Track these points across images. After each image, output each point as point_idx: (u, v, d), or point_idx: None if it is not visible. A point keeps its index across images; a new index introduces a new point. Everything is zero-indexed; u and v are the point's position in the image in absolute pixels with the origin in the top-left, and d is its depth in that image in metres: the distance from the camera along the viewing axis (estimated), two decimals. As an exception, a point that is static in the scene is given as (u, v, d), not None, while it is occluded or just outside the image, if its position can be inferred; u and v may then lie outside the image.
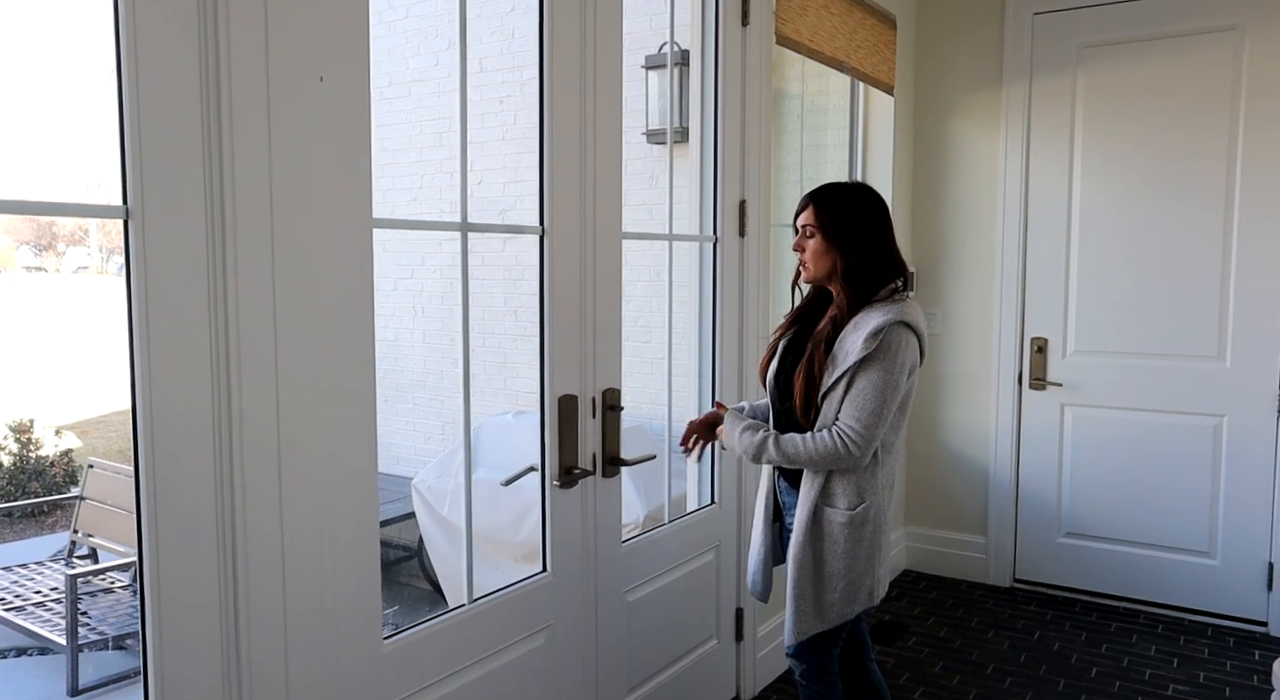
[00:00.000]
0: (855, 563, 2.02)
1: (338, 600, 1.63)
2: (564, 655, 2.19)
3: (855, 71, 3.42)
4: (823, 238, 2.02)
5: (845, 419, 1.95)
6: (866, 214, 2.04)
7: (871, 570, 2.06)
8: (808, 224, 2.05)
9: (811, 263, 2.06)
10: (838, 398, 1.96)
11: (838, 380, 1.95)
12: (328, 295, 1.57)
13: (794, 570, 2.03)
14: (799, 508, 2.03)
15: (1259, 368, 3.46)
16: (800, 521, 2.02)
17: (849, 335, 1.97)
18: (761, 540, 2.23)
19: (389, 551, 4.98)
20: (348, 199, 1.60)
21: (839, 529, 2.00)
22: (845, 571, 2.02)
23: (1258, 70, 3.39)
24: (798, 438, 1.99)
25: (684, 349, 2.87)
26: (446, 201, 5.30)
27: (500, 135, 4.94)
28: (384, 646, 1.74)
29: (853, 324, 1.98)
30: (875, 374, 1.93)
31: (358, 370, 1.64)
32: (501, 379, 5.03)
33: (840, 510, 2.00)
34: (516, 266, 4.93)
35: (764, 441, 2.02)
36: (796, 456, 1.98)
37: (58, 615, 3.87)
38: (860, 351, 1.92)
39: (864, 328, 1.95)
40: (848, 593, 2.03)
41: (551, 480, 2.13)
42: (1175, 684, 3.11)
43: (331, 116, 1.56)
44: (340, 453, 1.61)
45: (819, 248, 2.04)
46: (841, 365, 1.95)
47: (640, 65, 4.37)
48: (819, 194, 2.07)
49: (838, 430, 1.95)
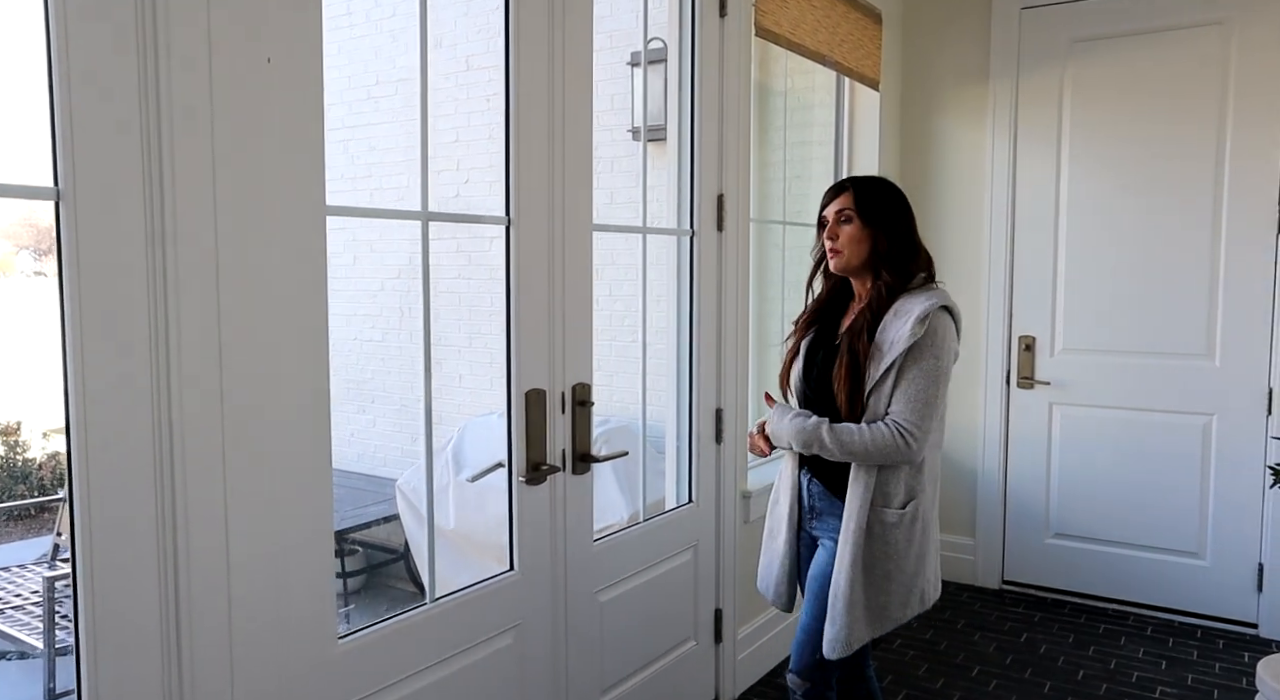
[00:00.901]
0: (907, 563, 1.96)
1: (289, 600, 1.58)
2: (532, 656, 2.14)
3: (839, 66, 3.38)
4: (861, 222, 1.98)
5: (900, 410, 1.88)
6: (899, 201, 2.03)
7: (922, 571, 2.00)
8: (844, 209, 1.99)
9: (848, 248, 1.99)
10: (886, 390, 1.89)
11: (886, 371, 1.88)
12: (277, 285, 1.53)
13: (845, 576, 1.92)
14: (851, 508, 1.93)
15: (1249, 366, 3.41)
16: (853, 523, 1.92)
17: (891, 324, 1.91)
18: (786, 548, 2.13)
19: (375, 554, 4.93)
20: (298, 184, 1.56)
21: (890, 529, 1.93)
22: (898, 573, 1.95)
23: (1245, 65, 3.34)
24: (853, 427, 1.90)
25: (664, 345, 2.82)
26: (435, 200, 5.27)
27: (487, 134, 4.90)
28: (338, 646, 1.69)
29: (893, 312, 1.92)
30: (926, 362, 1.88)
31: (310, 366, 1.59)
32: (488, 378, 4.98)
33: (892, 509, 1.94)
34: (503, 266, 4.89)
35: (817, 427, 1.92)
36: (851, 446, 1.89)
37: (36, 618, 3.82)
38: (908, 339, 1.85)
39: (907, 314, 1.89)
40: (902, 596, 1.97)
41: (518, 476, 2.08)
42: (1163, 686, 3.06)
43: (280, 99, 1.52)
44: (292, 453, 1.56)
45: (856, 233, 1.98)
46: (889, 355, 1.88)
47: (626, 62, 4.33)
48: (854, 181, 2.04)
49: (893, 422, 1.88)
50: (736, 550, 2.90)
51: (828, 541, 2.03)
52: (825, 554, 2.03)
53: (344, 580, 4.70)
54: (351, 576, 4.73)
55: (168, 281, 1.37)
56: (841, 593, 1.92)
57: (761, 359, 3.60)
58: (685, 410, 2.74)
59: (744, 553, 2.94)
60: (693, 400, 2.72)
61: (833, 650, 1.94)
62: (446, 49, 5.10)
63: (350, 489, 5.10)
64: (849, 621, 1.93)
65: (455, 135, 4.94)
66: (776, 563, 2.16)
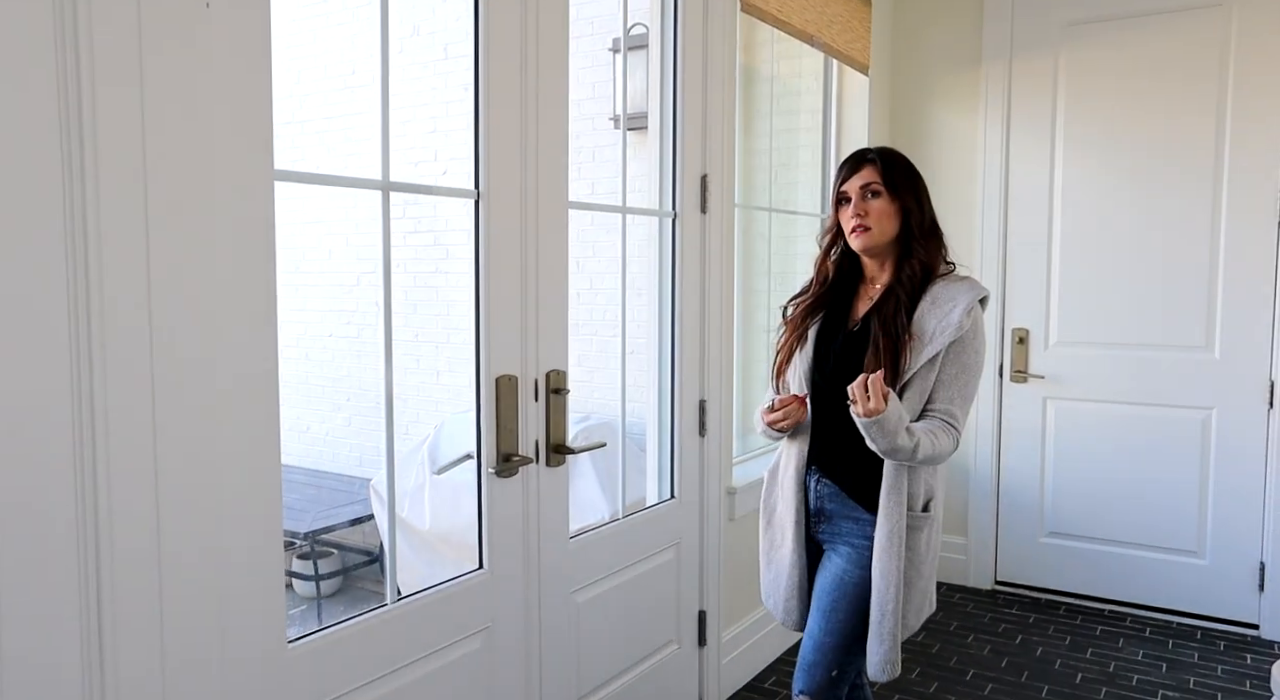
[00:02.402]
0: (925, 568, 1.83)
1: (233, 605, 1.44)
2: (503, 660, 2.01)
3: (827, 47, 3.26)
4: (891, 196, 1.84)
5: (947, 408, 1.75)
6: (919, 176, 1.92)
7: (933, 575, 1.88)
8: (871, 183, 1.84)
9: (876, 224, 1.83)
10: (926, 385, 1.75)
11: (927, 363, 1.74)
12: (217, 259, 1.39)
13: (894, 590, 1.76)
14: (888, 515, 1.76)
15: (1249, 357, 3.31)
16: (892, 532, 1.76)
17: (930, 312, 1.77)
18: (794, 559, 1.92)
19: (350, 556, 4.78)
20: (243, 146, 1.42)
21: (913, 534, 1.80)
22: (918, 579, 1.82)
23: (1245, 48, 3.25)
24: (926, 428, 1.71)
25: (646, 338, 2.69)
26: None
27: (465, 123, 4.75)
28: (289, 651, 1.55)
29: (930, 299, 1.79)
30: (969, 356, 1.76)
31: (257, 349, 1.45)
32: (467, 375, 4.83)
33: (917, 513, 1.80)
34: (472, 244, 4.76)
35: (916, 442, 1.67)
36: (931, 453, 1.70)
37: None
38: (955, 331, 1.72)
39: (949, 304, 1.76)
40: (918, 603, 1.84)
41: (488, 468, 1.94)
42: (1164, 690, 2.95)
43: (222, 49, 1.38)
44: (235, 447, 1.42)
45: (887, 207, 1.84)
46: (931, 345, 1.73)
47: (608, 48, 4.21)
48: (879, 151, 1.90)
49: (945, 422, 1.74)
50: (721, 549, 2.77)
51: (843, 547, 1.86)
52: (842, 561, 1.85)
53: (317, 583, 4.55)
54: (325, 579, 4.58)
55: (89, 252, 1.22)
56: (890, 610, 1.76)
57: (748, 349, 3.48)
58: (667, 401, 2.61)
59: (729, 551, 2.81)
60: (674, 391, 2.59)
61: (882, 672, 1.78)
62: (425, 37, 4.97)
63: (325, 489, 4.96)
64: (893, 641, 1.77)
65: (433, 125, 4.80)
66: (784, 577, 1.94)
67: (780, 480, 1.96)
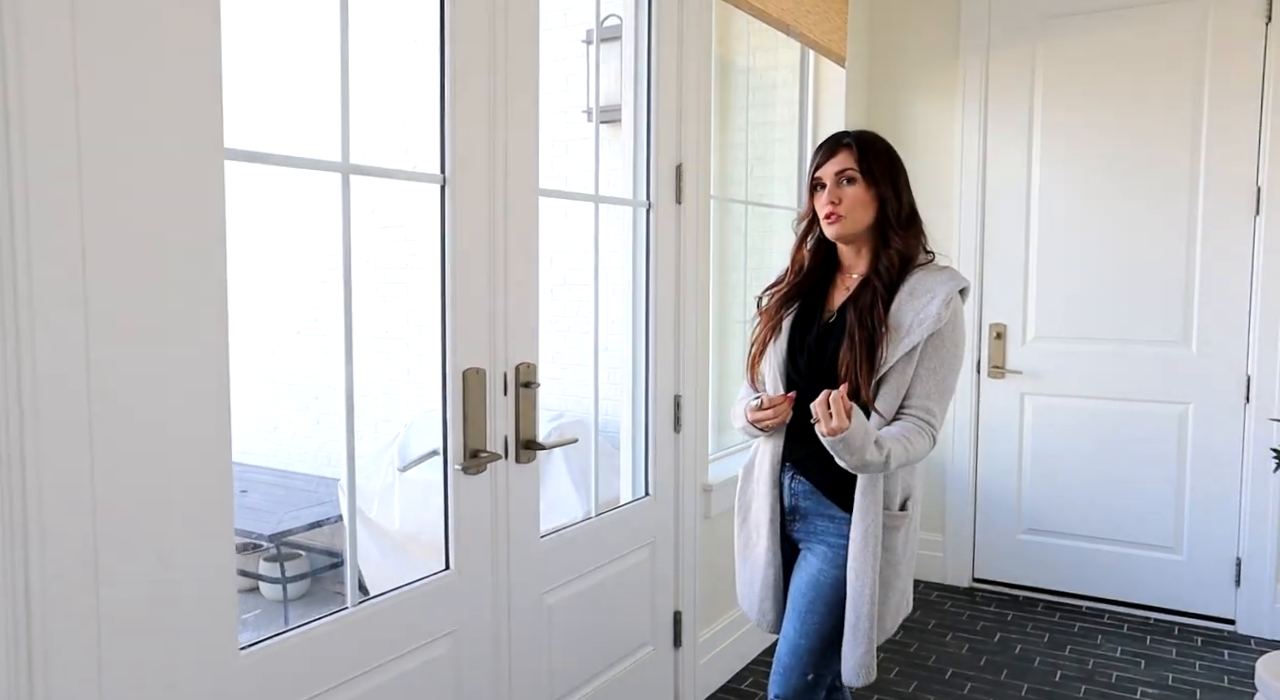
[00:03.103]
0: (903, 568, 1.76)
1: (179, 610, 1.35)
2: (470, 665, 1.93)
3: (804, 37, 3.21)
4: (867, 183, 1.76)
5: (924, 404, 1.68)
6: (898, 161, 1.84)
7: (910, 575, 1.81)
8: (847, 169, 1.76)
9: (850, 213, 1.75)
10: (904, 380, 1.68)
11: (905, 356, 1.67)
12: (158, 242, 1.30)
13: (870, 591, 1.69)
14: (863, 514, 1.69)
15: (1226, 353, 3.30)
16: (868, 531, 1.69)
17: (907, 303, 1.70)
18: (769, 558, 1.85)
19: (318, 558, 4.67)
20: (188, 120, 1.33)
21: (890, 534, 1.73)
22: (895, 580, 1.75)
23: (1222, 42, 3.23)
24: (898, 433, 1.65)
25: (621, 332, 2.62)
26: (381, 187, 5.01)
27: (436, 115, 4.67)
28: (240, 659, 1.46)
29: (908, 290, 1.71)
30: (948, 350, 1.69)
31: (205, 341, 1.37)
32: (439, 373, 4.75)
33: (894, 512, 1.74)
34: (438, 231, 4.66)
35: (888, 461, 1.61)
36: (905, 459, 1.64)
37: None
38: (934, 323, 1.65)
39: (927, 295, 1.69)
40: (896, 604, 1.77)
41: (454, 464, 1.87)
42: (1144, 687, 2.92)
43: (164, 14, 1.29)
44: (182, 445, 1.34)
45: (862, 195, 1.76)
46: (909, 338, 1.66)
47: (582, 40, 4.14)
48: (856, 135, 1.82)
49: (922, 420, 1.67)
50: (697, 547, 2.71)
51: (819, 546, 1.79)
52: (818, 561, 1.78)
53: (284, 586, 4.45)
54: (293, 581, 4.48)
55: (15, 233, 1.14)
56: (866, 612, 1.69)
57: (723, 344, 3.42)
58: (641, 397, 2.54)
59: (705, 550, 2.75)
60: (649, 386, 2.52)
61: (857, 676, 1.71)
62: (395, 27, 4.86)
63: (294, 490, 4.85)
64: (870, 644, 1.71)
65: (404, 117, 4.70)
66: (759, 577, 1.87)
67: (755, 478, 1.89)
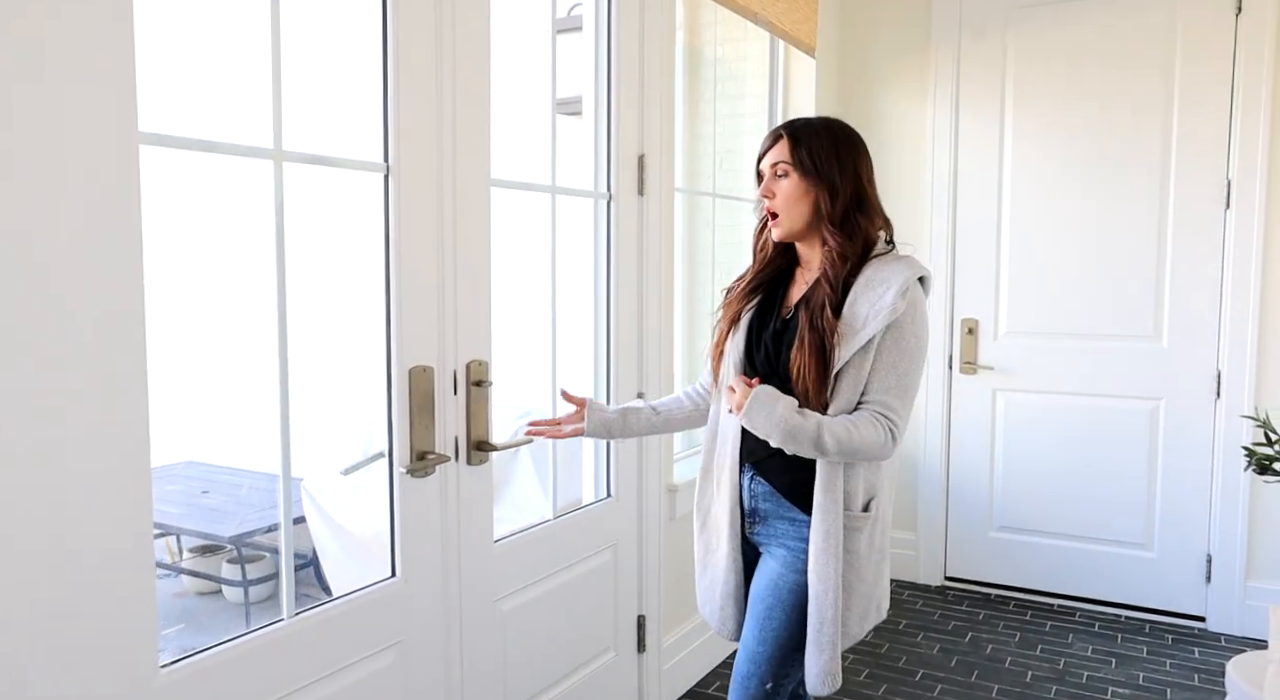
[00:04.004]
0: (867, 572, 1.67)
1: (88, 626, 1.26)
2: (418, 675, 1.84)
3: (772, 26, 3.14)
4: (801, 175, 1.66)
5: (882, 398, 1.58)
6: (850, 146, 1.69)
7: (880, 579, 1.72)
8: (780, 161, 1.67)
9: (785, 209, 1.67)
10: (861, 374, 1.59)
11: (860, 351, 1.58)
12: (66, 226, 1.21)
13: (832, 596, 1.61)
14: (823, 515, 1.61)
15: (1198, 348, 3.27)
16: (828, 533, 1.61)
17: (863, 296, 1.60)
18: (730, 563, 1.77)
19: (281, 560, 4.56)
20: (98, 100, 1.24)
21: (852, 535, 1.64)
22: (859, 583, 1.66)
23: (1192, 34, 3.20)
24: (846, 423, 1.57)
25: (585, 323, 2.54)
26: (329, 189, 4.88)
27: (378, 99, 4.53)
28: (161, 677, 1.37)
29: (863, 282, 1.62)
30: (908, 341, 1.59)
31: (118, 333, 1.28)
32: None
33: (854, 513, 1.64)
34: (381, 222, 4.53)
35: (818, 427, 1.55)
36: (849, 446, 1.55)
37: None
38: (888, 315, 1.56)
39: (883, 286, 1.59)
40: (861, 609, 1.68)
41: (399, 467, 1.78)
42: (1114, 686, 2.88)
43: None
44: (91, 444, 1.25)
45: (796, 189, 1.66)
46: (864, 332, 1.57)
47: (549, 30, 4.04)
48: (793, 124, 1.71)
49: (878, 414, 1.58)
50: (662, 549, 2.64)
51: (778, 550, 1.72)
52: (777, 565, 1.71)
53: (245, 589, 4.34)
54: (256, 584, 4.37)
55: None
56: (829, 617, 1.61)
57: (691, 340, 3.35)
58: (602, 393, 2.46)
59: (670, 552, 2.68)
60: (610, 382, 2.45)
61: (822, 685, 1.63)
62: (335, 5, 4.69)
63: (257, 490, 4.74)
64: (834, 650, 1.63)
65: (346, 106, 4.58)
66: (720, 583, 1.79)
67: (715, 480, 1.81)
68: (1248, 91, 3.11)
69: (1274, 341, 3.14)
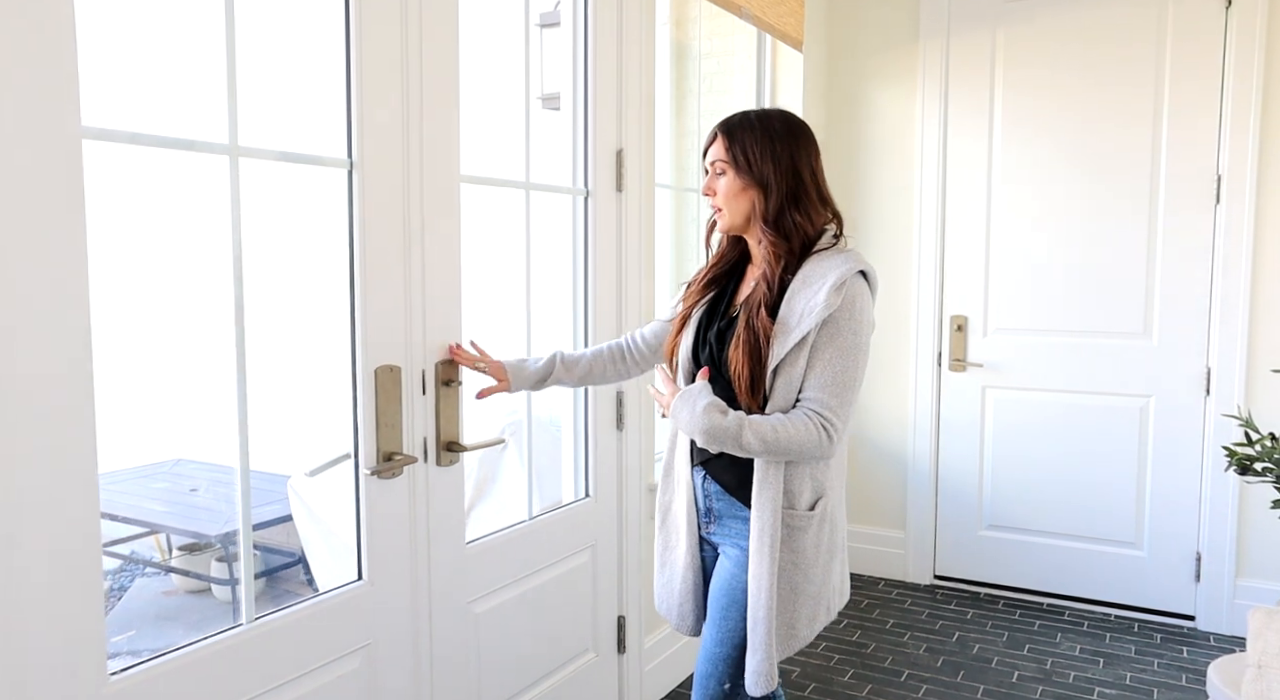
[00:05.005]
0: (815, 573, 1.64)
1: (29, 635, 1.23)
2: (386, 680, 1.82)
3: (758, 20, 3.10)
4: (736, 174, 1.64)
5: (817, 396, 1.55)
6: (789, 141, 1.65)
7: (829, 580, 1.69)
8: (717, 159, 1.66)
9: (726, 206, 1.66)
10: (798, 370, 1.56)
11: (795, 348, 1.55)
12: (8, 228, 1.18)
13: (767, 595, 1.59)
14: (760, 514, 1.60)
15: (1187, 345, 3.24)
16: (765, 532, 1.59)
17: (799, 292, 1.57)
18: (688, 560, 1.77)
19: (271, 558, 4.54)
20: (36, 93, 1.21)
21: (796, 534, 1.62)
22: (805, 584, 1.63)
23: (1182, 26, 3.16)
24: (774, 422, 1.54)
25: (562, 321, 2.50)
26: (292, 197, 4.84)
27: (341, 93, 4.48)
28: (110, 685, 1.34)
29: (801, 279, 1.59)
30: (844, 338, 1.55)
31: (60, 329, 1.25)
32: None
33: (799, 511, 1.61)
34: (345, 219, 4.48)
35: (739, 427, 1.54)
36: (775, 445, 1.53)
37: None
38: (822, 310, 1.52)
39: (819, 282, 1.56)
40: (810, 611, 1.65)
41: (364, 469, 1.75)
42: (1101, 687, 2.85)
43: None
44: (31, 444, 1.22)
45: (733, 187, 1.64)
46: (798, 329, 1.54)
47: (537, 24, 4.01)
48: (729, 121, 1.68)
49: (813, 413, 1.55)
50: (642, 549, 2.61)
51: (732, 549, 1.70)
52: (731, 564, 1.70)
53: (233, 588, 4.31)
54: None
55: None
56: (762, 616, 1.60)
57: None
58: (581, 393, 2.43)
59: (650, 552, 2.65)
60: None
61: (758, 684, 1.60)
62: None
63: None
64: (776, 648, 1.61)
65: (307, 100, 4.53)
66: (678, 580, 1.79)
67: (675, 479, 1.80)
68: (1238, 84, 3.07)
69: (1264, 338, 3.11)
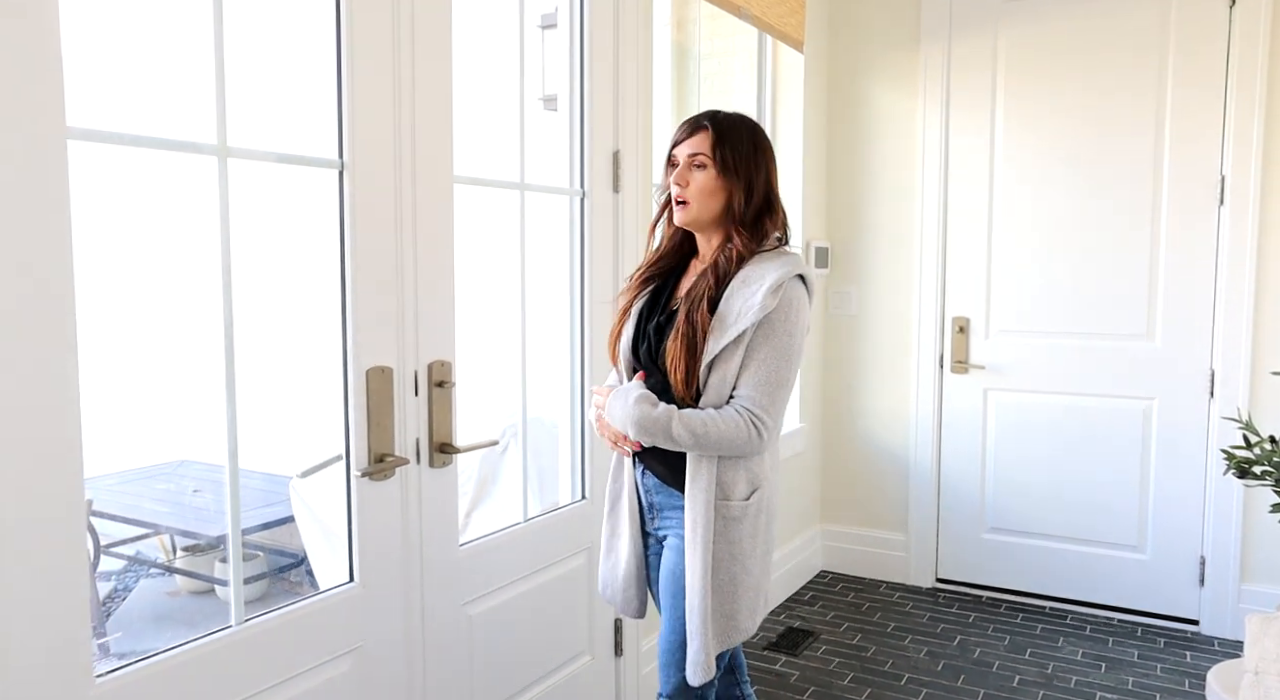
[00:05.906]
0: (754, 564, 1.68)
1: (6, 628, 1.23)
2: (378, 683, 1.81)
3: (758, 20, 3.09)
4: (719, 172, 1.67)
5: (749, 394, 1.60)
6: (767, 149, 1.73)
7: (767, 571, 1.73)
8: (700, 153, 1.67)
9: (697, 200, 1.68)
10: (731, 368, 1.60)
11: (730, 345, 1.59)
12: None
13: (700, 584, 1.62)
14: (693, 505, 1.64)
15: (1191, 346, 3.21)
16: (697, 523, 1.63)
17: (739, 291, 1.62)
18: (630, 548, 1.83)
19: (275, 559, 4.54)
20: (18, 92, 1.21)
21: (733, 525, 1.65)
22: (744, 576, 1.66)
23: (1185, 26, 3.13)
24: (704, 416, 1.59)
25: (559, 323, 2.49)
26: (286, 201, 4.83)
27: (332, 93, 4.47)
28: (95, 688, 1.34)
29: (741, 279, 1.63)
30: (779, 339, 1.60)
31: (45, 330, 1.24)
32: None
33: (734, 502, 1.65)
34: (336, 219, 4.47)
35: (667, 418, 1.59)
36: (706, 439, 1.59)
37: None
38: (758, 311, 1.57)
39: (758, 283, 1.61)
40: (750, 603, 1.68)
41: (355, 471, 1.75)
42: (1103, 692, 2.83)
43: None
44: (10, 429, 1.21)
45: (711, 183, 1.67)
46: (734, 327, 1.59)
47: (537, 25, 4.01)
48: (715, 118, 1.69)
49: (745, 409, 1.59)
50: (639, 552, 2.59)
51: (673, 539, 1.75)
52: (672, 554, 1.74)
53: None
54: (249, 583, 4.35)
55: None
56: (697, 605, 1.63)
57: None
58: (577, 394, 2.42)
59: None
60: (584, 382, 2.41)
61: (695, 674, 1.63)
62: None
63: (248, 489, 4.72)
64: (715, 638, 1.64)
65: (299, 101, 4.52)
66: (620, 566, 1.86)
67: (625, 469, 1.86)
68: (1241, 85, 3.05)
69: (1268, 339, 3.08)
